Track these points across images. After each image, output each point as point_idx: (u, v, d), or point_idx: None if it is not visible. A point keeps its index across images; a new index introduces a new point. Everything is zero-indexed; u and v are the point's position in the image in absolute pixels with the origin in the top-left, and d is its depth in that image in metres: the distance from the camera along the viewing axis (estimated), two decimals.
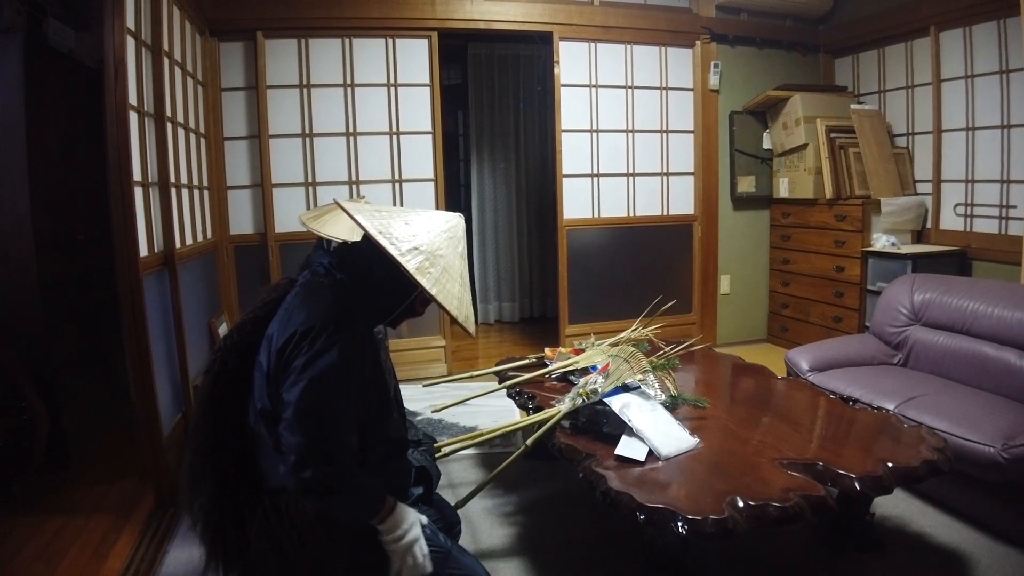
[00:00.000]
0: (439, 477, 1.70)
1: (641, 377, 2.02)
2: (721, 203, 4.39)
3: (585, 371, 2.20)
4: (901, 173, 3.96)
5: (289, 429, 1.19)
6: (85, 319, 2.97)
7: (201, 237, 3.25)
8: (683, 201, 4.36)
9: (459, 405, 2.53)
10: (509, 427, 2.08)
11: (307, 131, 3.71)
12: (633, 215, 4.26)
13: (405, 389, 1.74)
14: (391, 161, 3.82)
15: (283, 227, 3.69)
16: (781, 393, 2.31)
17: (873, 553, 1.97)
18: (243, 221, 3.70)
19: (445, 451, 2.01)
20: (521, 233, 5.33)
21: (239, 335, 1.41)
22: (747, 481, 1.58)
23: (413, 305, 1.42)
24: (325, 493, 1.21)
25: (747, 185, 4.42)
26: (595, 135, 4.12)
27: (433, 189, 3.88)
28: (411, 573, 1.30)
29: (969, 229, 3.66)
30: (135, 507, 2.33)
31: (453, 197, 5.27)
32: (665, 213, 4.33)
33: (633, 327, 2.59)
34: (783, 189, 4.32)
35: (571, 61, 4.01)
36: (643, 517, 1.46)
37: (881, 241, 3.73)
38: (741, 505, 1.46)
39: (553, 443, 1.89)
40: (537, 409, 2.08)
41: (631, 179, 4.23)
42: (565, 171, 4.06)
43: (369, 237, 1.24)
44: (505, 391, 2.36)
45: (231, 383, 1.37)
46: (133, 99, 2.33)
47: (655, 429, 1.79)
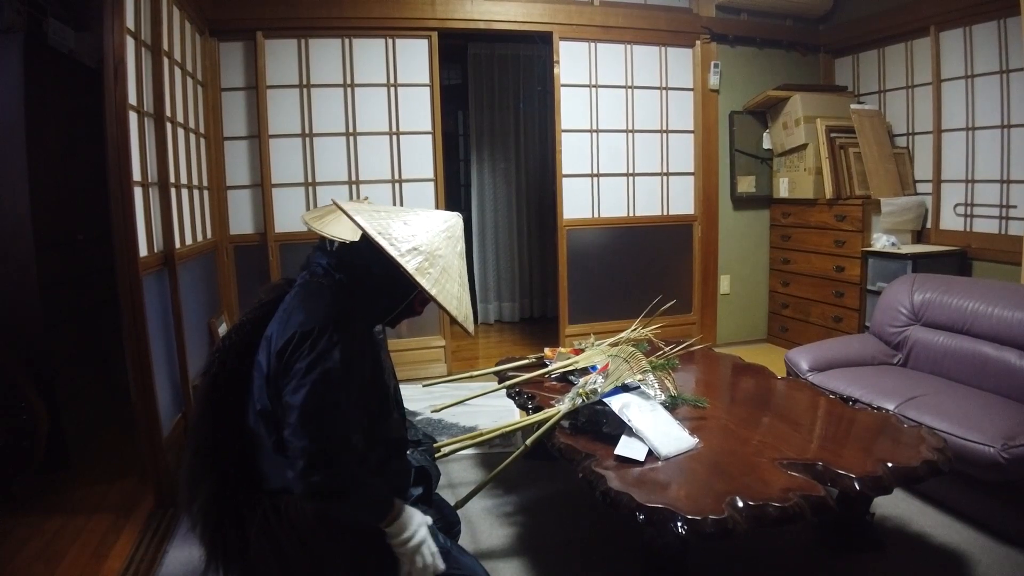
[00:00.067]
0: (439, 477, 1.70)
1: (641, 377, 2.02)
2: (721, 203, 4.39)
3: (585, 371, 2.20)
4: (901, 173, 3.96)
5: (295, 434, 1.19)
6: (85, 319, 2.97)
7: (201, 237, 3.25)
8: (683, 201, 4.36)
9: (459, 405, 2.53)
10: (509, 427, 2.08)
11: (307, 131, 3.71)
12: (633, 215, 4.26)
13: (405, 389, 1.74)
14: (391, 161, 3.82)
15: (283, 227, 3.69)
16: (781, 393, 2.31)
17: (873, 553, 1.97)
18: (243, 221, 3.70)
19: (445, 451, 2.01)
20: (521, 233, 5.33)
21: (237, 336, 1.41)
22: (747, 481, 1.58)
23: (412, 305, 1.42)
24: (334, 496, 1.21)
25: (747, 185, 4.42)
26: (595, 135, 4.12)
27: (433, 189, 3.88)
28: (423, 574, 1.30)
29: (969, 229, 3.66)
30: (135, 507, 2.34)
31: (453, 197, 5.27)
32: (665, 213, 4.33)
33: (633, 327, 2.59)
34: (783, 189, 4.32)
35: (571, 61, 4.01)
36: (643, 517, 1.46)
37: (881, 241, 3.73)
38: (741, 505, 1.46)
39: (553, 443, 1.89)
40: (537, 409, 2.08)
41: (631, 179, 4.23)
42: (565, 171, 4.06)
43: (368, 238, 1.23)
44: (505, 391, 2.36)
45: (230, 384, 1.37)
46: (133, 99, 2.33)
47: (655, 429, 1.79)
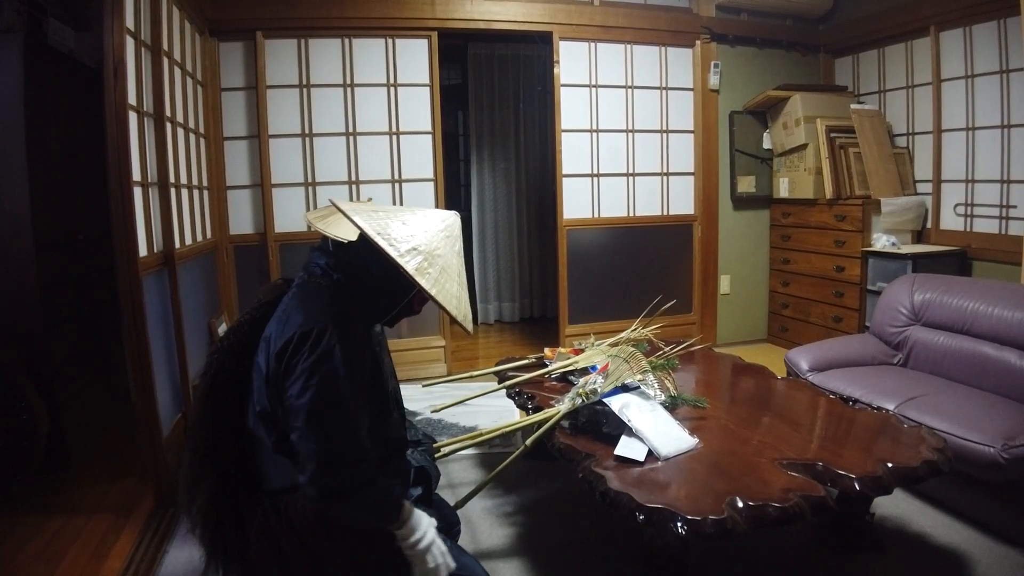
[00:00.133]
0: (439, 477, 1.70)
1: (641, 377, 2.02)
2: (721, 203, 4.39)
3: (585, 371, 2.20)
4: (901, 173, 3.96)
5: (304, 437, 1.19)
6: (85, 319, 2.97)
7: (201, 237, 3.25)
8: (683, 201, 4.36)
9: (459, 405, 2.53)
10: (509, 427, 2.08)
11: (307, 131, 3.71)
12: (633, 215, 4.25)
13: (405, 389, 1.74)
14: (391, 161, 3.82)
15: (283, 227, 3.69)
16: (781, 393, 2.31)
17: (873, 553, 1.97)
18: (243, 221, 3.70)
19: (445, 451, 2.01)
20: (521, 233, 5.32)
21: (235, 337, 1.41)
22: (747, 481, 1.58)
23: (411, 304, 1.41)
24: (347, 497, 1.22)
25: (747, 185, 4.42)
26: (595, 135, 4.12)
27: (433, 189, 3.88)
28: (436, 574, 1.32)
29: (969, 229, 3.66)
30: (135, 507, 2.34)
31: (453, 197, 5.27)
32: (665, 213, 4.32)
33: (633, 327, 2.59)
34: (783, 189, 4.32)
35: (571, 61, 4.01)
36: (643, 517, 1.46)
37: (881, 241, 3.73)
38: (741, 505, 1.46)
39: (553, 443, 1.89)
40: (537, 409, 2.08)
41: (631, 179, 4.23)
42: (565, 171, 4.06)
43: (367, 238, 1.23)
44: (505, 391, 2.36)
45: (229, 385, 1.37)
46: (133, 99, 2.33)
47: (655, 429, 1.79)
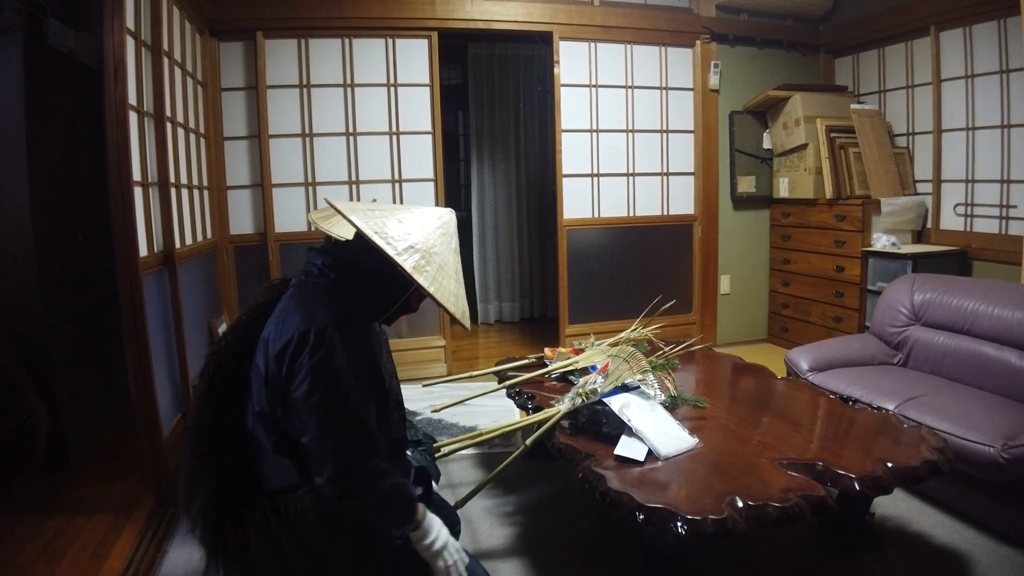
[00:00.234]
0: (439, 477, 1.70)
1: (641, 377, 2.02)
2: (721, 203, 4.39)
3: (585, 371, 2.20)
4: (901, 173, 3.96)
5: (318, 439, 1.20)
6: (85, 319, 2.97)
7: (201, 237, 3.25)
8: (683, 201, 4.36)
9: (459, 405, 2.53)
10: (509, 427, 2.08)
11: (307, 131, 3.71)
12: (633, 215, 4.25)
13: (405, 389, 1.74)
14: (391, 161, 3.82)
15: (283, 227, 3.69)
16: (781, 393, 2.31)
17: (873, 553, 1.97)
18: (243, 221, 3.70)
19: (445, 451, 2.01)
20: (521, 233, 5.32)
21: (233, 337, 1.41)
22: (747, 481, 1.58)
23: (408, 302, 1.42)
24: (365, 495, 1.23)
25: (747, 185, 4.42)
26: (595, 135, 4.12)
27: (433, 189, 3.88)
28: (455, 570, 1.33)
29: (969, 229, 3.66)
30: (135, 507, 2.34)
31: (453, 197, 5.27)
32: (665, 213, 4.32)
33: (633, 327, 2.59)
34: (783, 189, 4.32)
35: (571, 61, 4.01)
36: (643, 517, 1.46)
37: (881, 241, 3.73)
38: (741, 505, 1.46)
39: (553, 443, 1.89)
40: (537, 409, 2.08)
41: (631, 179, 4.23)
42: (565, 171, 4.06)
43: (364, 237, 1.24)
44: (505, 391, 2.36)
45: (227, 385, 1.37)
46: (133, 99, 2.33)
47: (655, 429, 1.79)
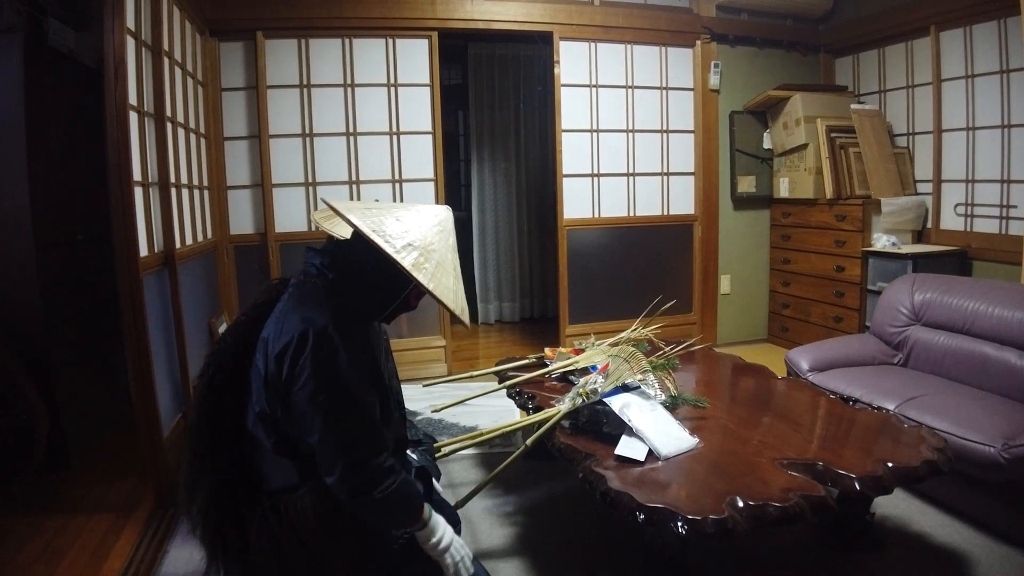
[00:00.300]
0: (439, 477, 1.71)
1: (641, 377, 2.02)
2: (721, 203, 4.39)
3: (585, 371, 2.20)
4: (901, 173, 3.96)
5: (325, 440, 1.21)
6: (85, 319, 2.97)
7: (201, 237, 3.25)
8: (683, 201, 4.36)
9: (459, 405, 2.53)
10: (509, 427, 2.08)
11: (307, 131, 3.71)
12: (633, 215, 4.25)
13: (405, 389, 1.74)
14: (391, 161, 3.82)
15: (283, 227, 3.69)
16: (781, 393, 2.31)
17: (873, 553, 1.97)
18: (243, 221, 3.70)
19: (445, 451, 2.01)
20: (521, 233, 5.32)
21: (233, 338, 1.41)
22: (747, 481, 1.58)
23: (407, 299, 1.42)
24: (375, 494, 1.23)
25: (747, 185, 4.42)
26: (595, 135, 4.12)
27: (433, 189, 3.88)
28: (463, 567, 1.36)
29: (969, 229, 3.66)
30: (135, 507, 2.33)
31: (453, 197, 5.27)
32: (665, 213, 4.32)
33: (633, 327, 2.59)
34: (783, 189, 4.32)
35: (571, 61, 4.01)
36: (643, 517, 1.46)
37: (881, 241, 3.72)
38: (741, 505, 1.46)
39: (553, 443, 1.89)
40: (537, 409, 2.08)
41: (631, 179, 4.23)
42: (565, 171, 4.06)
43: (362, 236, 1.24)
44: (505, 391, 2.36)
45: (227, 386, 1.37)
46: (133, 99, 2.33)
47: (655, 429, 1.79)
